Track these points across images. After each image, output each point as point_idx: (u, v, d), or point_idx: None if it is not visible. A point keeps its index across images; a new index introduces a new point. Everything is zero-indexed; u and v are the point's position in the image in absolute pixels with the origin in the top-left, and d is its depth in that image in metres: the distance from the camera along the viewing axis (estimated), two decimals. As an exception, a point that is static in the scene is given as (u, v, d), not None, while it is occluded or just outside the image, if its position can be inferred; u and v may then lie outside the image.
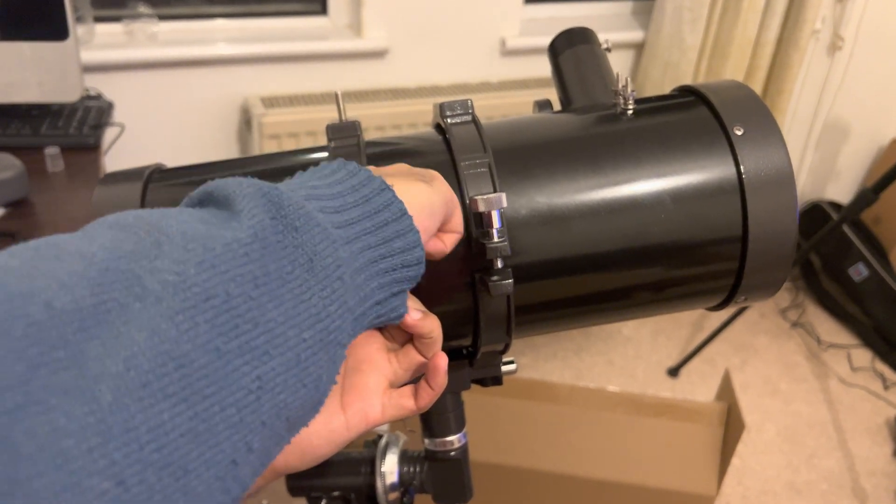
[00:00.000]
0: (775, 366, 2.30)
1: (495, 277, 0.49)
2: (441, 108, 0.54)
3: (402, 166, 0.46)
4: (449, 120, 0.54)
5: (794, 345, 2.40)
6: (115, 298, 0.25)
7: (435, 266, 0.50)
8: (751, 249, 0.53)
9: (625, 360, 2.26)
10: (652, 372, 2.23)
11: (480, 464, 1.55)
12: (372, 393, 0.45)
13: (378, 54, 1.82)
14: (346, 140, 0.52)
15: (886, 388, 2.23)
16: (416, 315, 0.44)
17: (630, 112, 0.56)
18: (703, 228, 0.53)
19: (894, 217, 2.45)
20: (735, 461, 1.93)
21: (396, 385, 0.46)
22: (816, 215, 2.53)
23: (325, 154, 0.52)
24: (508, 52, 1.92)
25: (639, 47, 2.06)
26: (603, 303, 0.56)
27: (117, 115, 1.50)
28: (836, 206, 2.53)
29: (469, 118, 0.54)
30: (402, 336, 0.47)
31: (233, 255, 0.29)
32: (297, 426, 0.32)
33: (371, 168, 0.42)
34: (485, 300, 0.51)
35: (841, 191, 2.60)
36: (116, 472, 0.24)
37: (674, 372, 2.21)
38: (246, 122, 1.76)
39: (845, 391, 2.21)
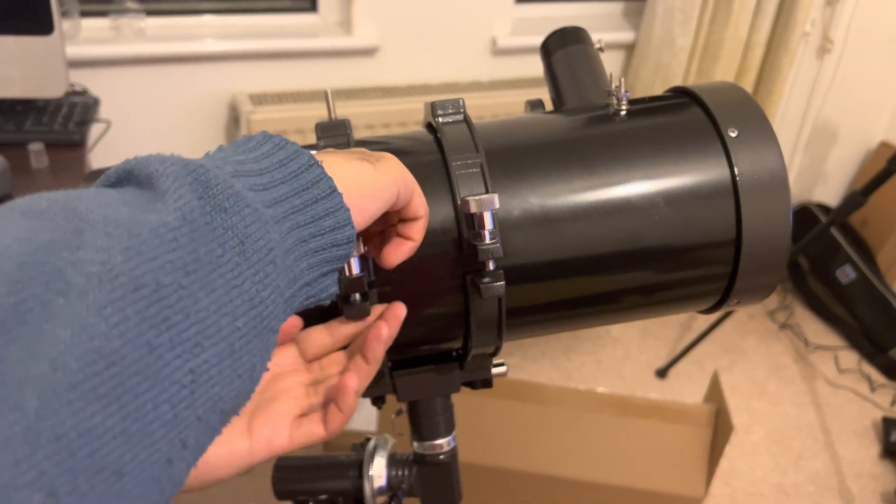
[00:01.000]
0: (763, 367, 2.30)
1: (487, 279, 0.48)
2: (432, 107, 0.53)
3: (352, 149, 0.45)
4: (440, 119, 0.53)
5: (782, 346, 2.40)
6: (35, 295, 0.23)
7: (426, 268, 0.50)
8: (744, 253, 0.53)
9: (613, 360, 2.26)
10: (640, 373, 2.23)
11: (468, 465, 1.54)
12: (281, 420, 0.44)
13: (368, 52, 1.81)
14: (335, 139, 0.51)
15: (873, 389, 2.24)
16: None
17: (623, 113, 0.55)
18: (697, 231, 0.52)
19: (881, 219, 2.46)
20: (723, 463, 1.93)
21: (308, 413, 0.45)
22: (805, 217, 2.54)
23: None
24: (499, 52, 1.91)
25: (629, 48, 2.06)
26: (595, 306, 0.55)
27: (103, 112, 1.48)
28: (824, 207, 2.54)
29: (461, 118, 0.53)
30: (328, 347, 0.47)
31: (160, 241, 0.27)
32: (229, 417, 0.31)
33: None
34: (476, 302, 0.50)
35: (829, 193, 2.61)
36: (46, 483, 0.22)
37: (662, 373, 2.21)
38: (234, 119, 1.75)
39: (832, 393, 2.22)
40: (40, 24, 1.25)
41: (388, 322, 0.47)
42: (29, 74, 1.28)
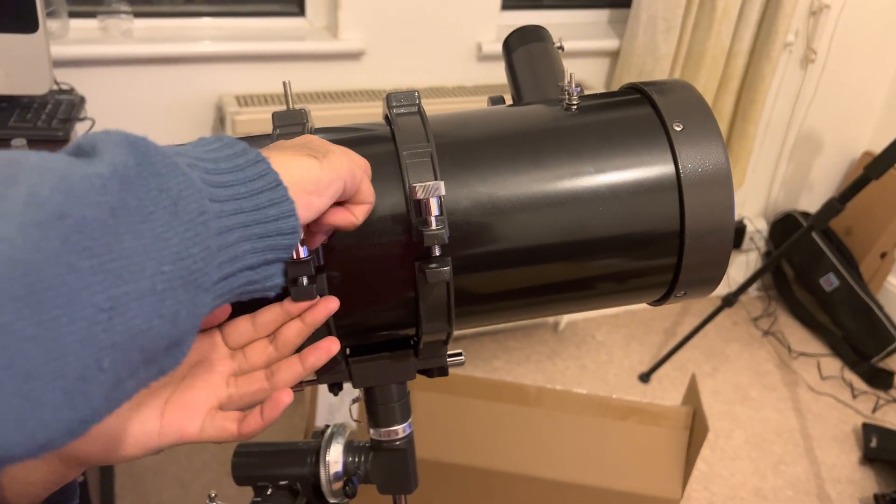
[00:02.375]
0: (746, 373, 2.32)
1: (433, 265, 0.49)
2: (388, 99, 0.55)
3: (304, 138, 0.47)
4: (395, 111, 0.54)
5: (766, 353, 2.42)
6: None
7: (376, 254, 0.51)
8: (688, 245, 0.54)
9: (597, 364, 2.28)
10: (624, 377, 2.24)
11: (446, 464, 1.55)
12: (196, 409, 0.45)
13: (354, 56, 1.83)
14: (291, 128, 0.53)
15: (855, 396, 2.26)
16: None
17: (574, 108, 0.57)
18: (642, 223, 0.54)
19: (865, 228, 2.48)
20: (702, 467, 1.94)
21: (226, 409, 0.46)
22: (789, 225, 2.56)
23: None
24: (484, 57, 1.93)
25: (614, 55, 2.08)
26: (543, 295, 0.56)
27: (90, 110, 1.49)
28: (808, 216, 2.57)
29: (415, 109, 0.54)
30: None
31: (90, 185, 0.29)
32: (153, 362, 0.32)
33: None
34: (425, 289, 0.51)
35: (813, 202, 2.63)
36: None
37: (645, 378, 2.23)
38: (220, 119, 1.76)
39: (814, 399, 2.24)
40: (25, 22, 1.26)
41: (314, 313, 0.48)
42: (13, 71, 1.30)
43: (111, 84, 1.66)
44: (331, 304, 0.49)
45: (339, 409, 1.62)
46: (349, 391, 0.63)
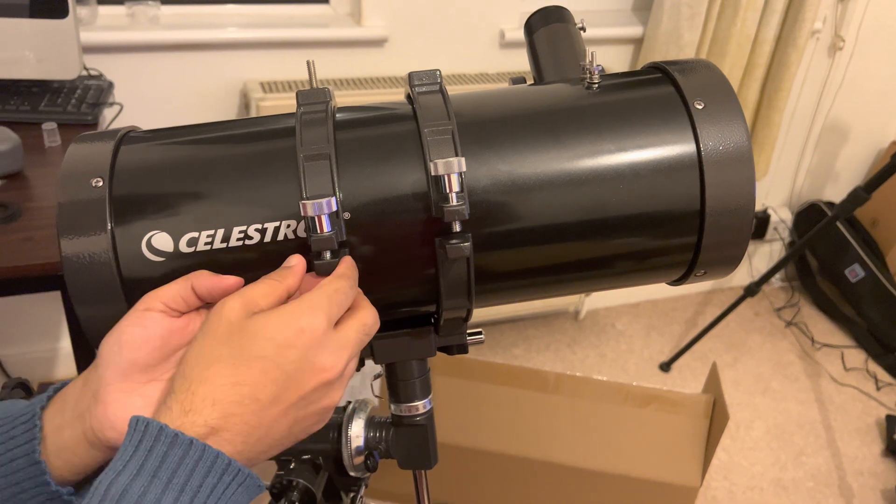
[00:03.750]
0: (767, 364, 2.30)
1: (454, 241, 0.50)
2: (410, 78, 0.55)
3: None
4: (416, 89, 0.55)
5: (788, 344, 2.40)
6: None
7: (397, 232, 0.52)
8: (708, 224, 0.54)
9: (617, 353, 2.27)
10: (644, 367, 2.24)
11: (465, 448, 1.56)
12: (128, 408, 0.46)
13: (377, 43, 1.83)
14: (314, 106, 0.54)
15: (879, 388, 2.24)
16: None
17: (595, 87, 0.57)
18: (662, 202, 0.54)
19: (891, 219, 2.45)
20: (722, 457, 1.94)
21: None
22: (813, 215, 2.54)
23: (292, 122, 0.53)
24: (507, 45, 1.93)
25: (638, 42, 2.06)
26: (563, 273, 0.57)
27: (117, 95, 1.52)
28: (833, 206, 2.54)
29: (436, 88, 0.55)
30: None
31: None
32: None
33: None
34: (445, 265, 0.52)
35: (839, 192, 2.60)
36: None
37: (665, 367, 2.22)
38: (245, 105, 1.78)
39: (837, 391, 2.22)
40: (55, 8, 1.29)
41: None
42: (44, 57, 1.32)
43: (138, 70, 1.68)
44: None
45: (361, 392, 1.63)
46: (371, 368, 0.64)
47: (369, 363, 0.63)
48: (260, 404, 0.42)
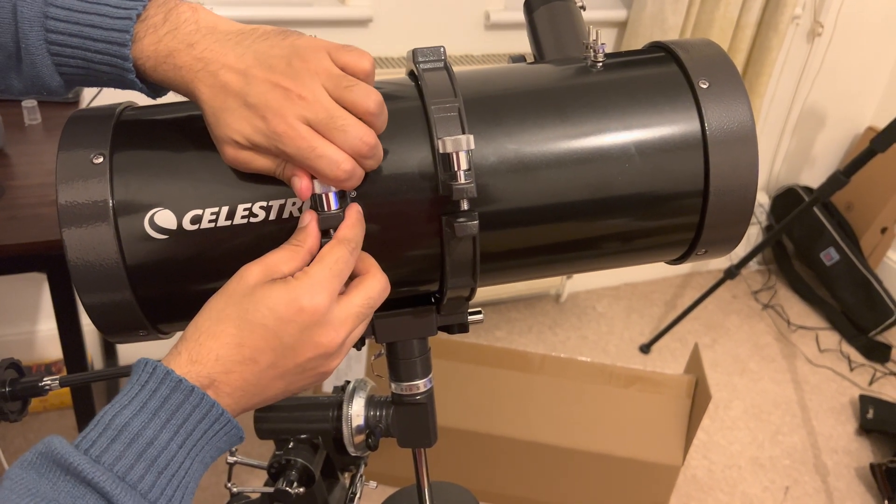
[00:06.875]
0: (745, 345, 2.34)
1: (462, 219, 0.50)
2: (414, 54, 0.55)
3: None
4: (421, 66, 0.54)
5: (765, 326, 2.44)
6: None
7: (404, 210, 0.51)
8: (711, 203, 0.54)
9: (598, 335, 2.30)
10: (624, 348, 2.26)
11: (451, 429, 1.57)
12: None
13: (362, 22, 1.81)
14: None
15: (852, 369, 2.28)
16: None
17: (600, 65, 0.57)
18: (666, 180, 0.54)
19: (866, 204, 2.49)
20: (702, 436, 1.97)
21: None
22: (790, 199, 2.57)
23: None
24: (492, 26, 1.92)
25: (622, 26, 2.07)
26: (567, 252, 0.57)
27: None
28: (810, 190, 2.57)
29: (441, 64, 0.54)
30: None
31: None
32: None
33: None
34: (451, 243, 0.52)
35: (816, 176, 2.64)
36: None
37: (645, 349, 2.25)
38: (226, 86, 1.75)
39: (812, 371, 2.26)
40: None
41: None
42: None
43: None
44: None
45: (348, 375, 1.63)
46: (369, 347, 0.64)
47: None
48: (259, 366, 0.45)
